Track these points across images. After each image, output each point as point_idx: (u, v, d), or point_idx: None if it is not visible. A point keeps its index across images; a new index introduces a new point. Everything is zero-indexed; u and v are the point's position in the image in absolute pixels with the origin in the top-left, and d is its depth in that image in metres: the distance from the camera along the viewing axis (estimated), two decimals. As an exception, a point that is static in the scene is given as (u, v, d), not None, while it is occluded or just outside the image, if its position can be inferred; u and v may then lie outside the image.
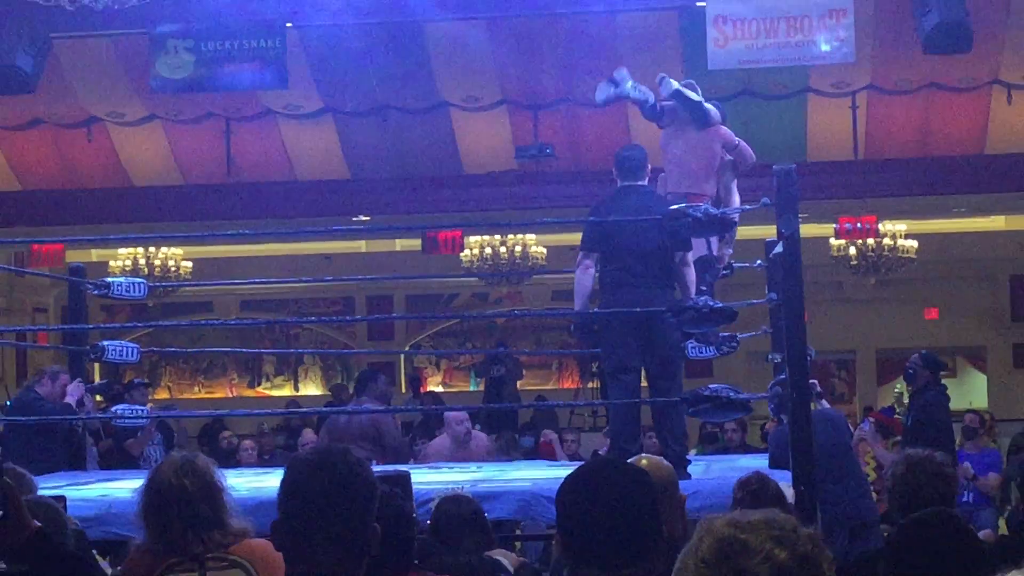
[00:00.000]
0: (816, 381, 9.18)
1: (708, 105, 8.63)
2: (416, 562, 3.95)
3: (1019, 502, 11.86)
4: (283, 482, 2.90)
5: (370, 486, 2.90)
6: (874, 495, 9.31)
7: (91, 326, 11.23)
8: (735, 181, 8.74)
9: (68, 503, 4.77)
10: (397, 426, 11.44)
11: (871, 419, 12.60)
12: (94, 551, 5.50)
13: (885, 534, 7.01)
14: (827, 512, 7.61)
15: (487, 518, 5.80)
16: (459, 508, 5.59)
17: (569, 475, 2.85)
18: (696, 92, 8.66)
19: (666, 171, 8.59)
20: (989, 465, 12.15)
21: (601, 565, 2.67)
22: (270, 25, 14.00)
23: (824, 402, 9.43)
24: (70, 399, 9.40)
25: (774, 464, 7.73)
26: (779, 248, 7.40)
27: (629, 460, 4.09)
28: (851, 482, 8.55)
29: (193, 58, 14.08)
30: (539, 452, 13.38)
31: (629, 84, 8.59)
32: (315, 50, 14.87)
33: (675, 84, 8.59)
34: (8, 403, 12.29)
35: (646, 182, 7.81)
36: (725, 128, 8.66)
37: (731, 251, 8.86)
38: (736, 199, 8.65)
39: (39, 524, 3.20)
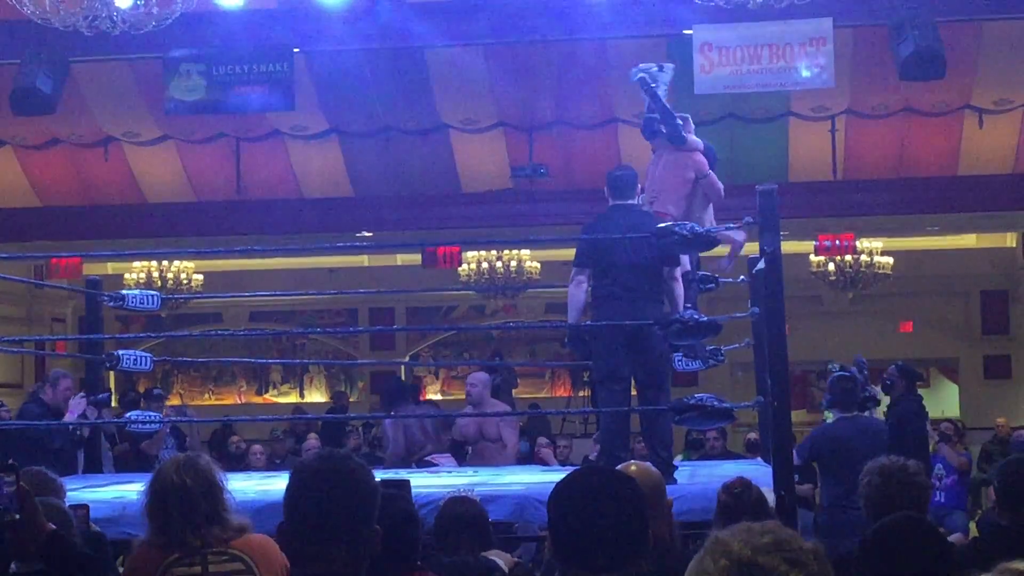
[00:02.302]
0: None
1: (693, 137, 8.51)
2: (419, 563, 3.94)
3: (995, 504, 11.83)
4: (288, 486, 2.91)
5: (371, 489, 2.91)
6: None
7: (107, 336, 11.22)
8: (710, 212, 8.56)
9: (83, 505, 4.76)
10: None
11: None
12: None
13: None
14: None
15: (489, 520, 5.79)
16: (463, 509, 5.58)
17: (560, 481, 2.84)
18: (687, 126, 8.52)
19: (645, 187, 8.50)
20: (960, 465, 12.23)
21: (591, 568, 2.66)
22: (278, 50, 13.99)
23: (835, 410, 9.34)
24: (70, 416, 9.15)
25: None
26: (762, 264, 7.41)
27: (619, 466, 4.10)
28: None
29: (205, 81, 14.06)
30: (534, 458, 13.36)
31: (664, 87, 8.40)
32: (321, 74, 14.86)
33: (652, 76, 8.31)
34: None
35: (636, 201, 7.80)
36: (700, 156, 8.44)
37: None
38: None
39: (54, 527, 3.19)
